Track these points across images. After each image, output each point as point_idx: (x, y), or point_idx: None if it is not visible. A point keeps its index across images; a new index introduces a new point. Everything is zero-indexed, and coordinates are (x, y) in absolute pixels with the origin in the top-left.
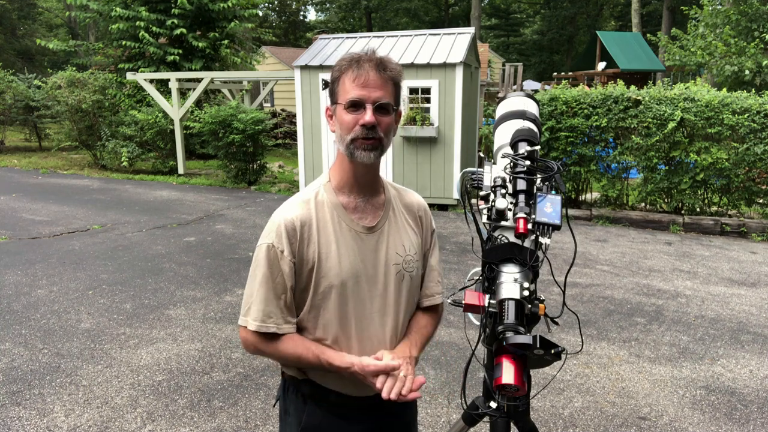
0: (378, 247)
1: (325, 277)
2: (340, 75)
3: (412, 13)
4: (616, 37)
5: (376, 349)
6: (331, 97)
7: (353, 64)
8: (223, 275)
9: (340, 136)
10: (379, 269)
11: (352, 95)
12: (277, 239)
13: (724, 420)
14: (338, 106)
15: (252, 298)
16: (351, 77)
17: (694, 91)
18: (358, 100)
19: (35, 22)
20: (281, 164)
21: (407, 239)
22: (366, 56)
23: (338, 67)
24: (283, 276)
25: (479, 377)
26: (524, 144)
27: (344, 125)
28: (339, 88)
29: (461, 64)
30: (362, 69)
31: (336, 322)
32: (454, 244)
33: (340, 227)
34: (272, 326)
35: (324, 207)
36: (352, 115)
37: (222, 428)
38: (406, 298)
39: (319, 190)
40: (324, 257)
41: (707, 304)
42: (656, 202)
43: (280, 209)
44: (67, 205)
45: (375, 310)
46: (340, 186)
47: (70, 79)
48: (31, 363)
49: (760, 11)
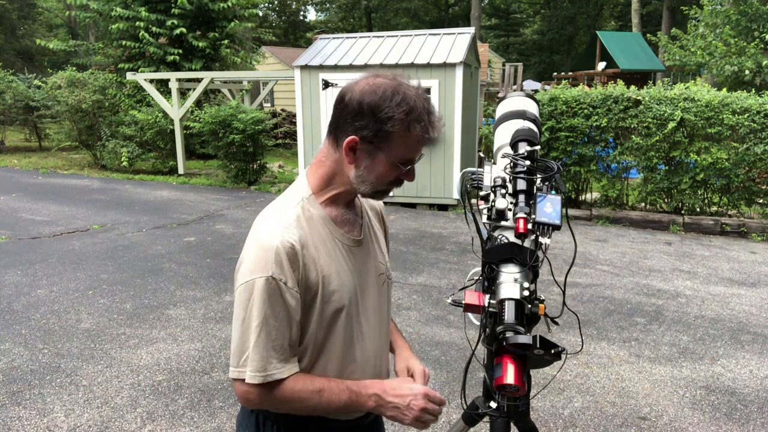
0: (367, 259)
1: (329, 302)
2: (403, 124)
3: (412, 13)
4: (616, 37)
5: (374, 362)
6: (375, 137)
7: (425, 125)
8: (223, 275)
9: (370, 181)
10: (370, 281)
11: (410, 156)
12: (278, 269)
13: (724, 420)
14: (383, 155)
15: (248, 344)
16: (417, 139)
17: (694, 91)
18: (413, 160)
19: (35, 22)
20: (281, 164)
21: (381, 244)
22: (436, 122)
23: (403, 112)
24: (288, 312)
25: (479, 377)
26: (524, 144)
27: (381, 176)
28: (396, 138)
29: (461, 64)
30: (431, 136)
31: (342, 345)
32: (454, 244)
33: (334, 244)
34: (275, 372)
35: (314, 223)
36: (397, 172)
37: (222, 428)
38: (390, 304)
39: (304, 204)
40: (327, 280)
41: (707, 304)
42: (656, 202)
43: (269, 231)
44: (67, 205)
45: (371, 325)
46: (328, 200)
47: (70, 79)
48: (31, 363)
49: (760, 11)
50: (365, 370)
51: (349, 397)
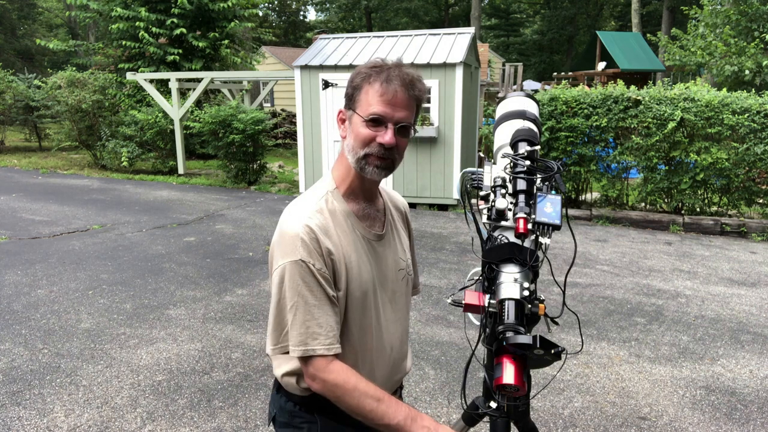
0: (387, 254)
1: (349, 289)
2: (363, 83)
3: (412, 13)
4: (616, 37)
5: (390, 353)
6: (348, 102)
7: (382, 75)
8: (223, 275)
9: (353, 148)
10: (389, 276)
11: (376, 110)
12: (305, 253)
13: (724, 420)
14: (356, 115)
15: (285, 322)
16: (378, 90)
17: (694, 91)
18: (382, 117)
19: (35, 22)
20: (281, 164)
21: (404, 242)
22: (396, 71)
23: (364, 73)
24: (321, 291)
25: (479, 377)
26: (524, 144)
27: (360, 138)
28: (361, 96)
29: (461, 64)
30: (391, 84)
31: (356, 334)
32: (454, 244)
33: (355, 236)
34: (317, 348)
35: (337, 215)
36: (370, 131)
37: (222, 428)
38: (409, 301)
39: (328, 198)
40: (348, 269)
41: (707, 304)
42: (656, 202)
43: (296, 220)
44: (67, 205)
45: (388, 318)
46: (347, 192)
47: (70, 79)
48: (31, 363)
49: (760, 11)
50: (380, 359)
51: (405, 417)
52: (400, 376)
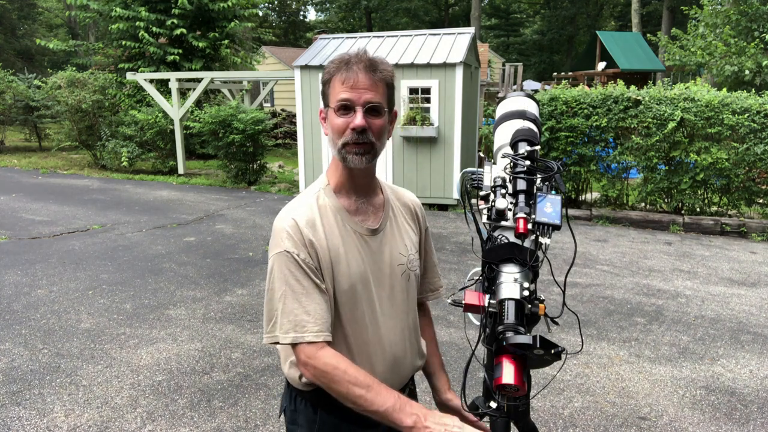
0: (382, 249)
1: (338, 282)
2: (330, 77)
3: (412, 13)
4: (616, 37)
5: (388, 349)
6: (323, 100)
7: (342, 66)
8: (223, 275)
9: (333, 140)
10: (384, 271)
11: (341, 97)
12: (292, 245)
13: (724, 420)
14: (330, 109)
15: (275, 311)
16: (340, 79)
17: (694, 91)
18: (348, 102)
19: (35, 22)
20: (281, 164)
21: (408, 238)
22: (356, 57)
23: (328, 69)
24: (307, 280)
25: (479, 377)
26: (524, 144)
27: (335, 129)
28: (330, 90)
29: (461, 64)
30: (351, 71)
31: (349, 327)
32: (454, 244)
33: (345, 230)
34: (306, 335)
35: (327, 210)
36: (342, 119)
37: (222, 428)
38: (413, 297)
39: (319, 194)
40: (334, 261)
41: (707, 304)
42: (656, 202)
43: (284, 215)
44: (67, 205)
45: (385, 313)
46: (338, 188)
47: (70, 79)
48: (31, 363)
49: (760, 11)
50: (376, 355)
51: (393, 404)
52: (407, 372)
